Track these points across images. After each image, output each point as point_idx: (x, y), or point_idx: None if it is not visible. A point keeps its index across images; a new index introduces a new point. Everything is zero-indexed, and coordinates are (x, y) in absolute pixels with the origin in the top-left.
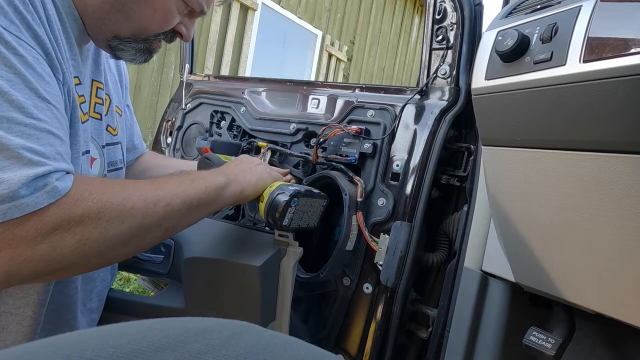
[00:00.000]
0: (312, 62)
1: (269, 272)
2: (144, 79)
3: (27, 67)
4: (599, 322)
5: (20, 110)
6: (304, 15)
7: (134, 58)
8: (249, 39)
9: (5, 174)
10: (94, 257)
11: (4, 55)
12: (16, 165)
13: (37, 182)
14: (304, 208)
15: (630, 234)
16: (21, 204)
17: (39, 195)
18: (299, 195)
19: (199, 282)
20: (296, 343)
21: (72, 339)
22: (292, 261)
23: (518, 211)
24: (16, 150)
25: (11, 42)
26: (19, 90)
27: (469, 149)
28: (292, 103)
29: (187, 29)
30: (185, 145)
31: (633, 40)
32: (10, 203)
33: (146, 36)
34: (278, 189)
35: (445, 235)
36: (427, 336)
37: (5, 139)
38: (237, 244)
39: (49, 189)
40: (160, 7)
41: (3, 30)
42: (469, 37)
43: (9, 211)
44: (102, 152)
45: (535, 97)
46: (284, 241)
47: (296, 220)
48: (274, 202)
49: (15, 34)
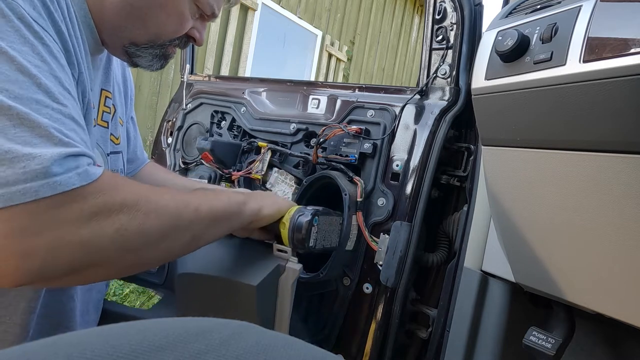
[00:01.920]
0: (312, 62)
1: (267, 290)
2: (144, 79)
3: (52, 57)
4: (599, 322)
5: (47, 94)
6: (304, 15)
7: (151, 64)
8: (249, 39)
9: (36, 150)
10: (129, 253)
11: (33, 43)
12: (47, 143)
13: (69, 161)
14: (325, 227)
15: (630, 234)
16: (54, 182)
17: (71, 176)
18: (318, 214)
19: (193, 299)
20: (296, 343)
21: (72, 339)
22: (291, 279)
23: (518, 211)
24: (47, 129)
25: (39, 32)
26: (46, 77)
27: (469, 149)
28: (292, 103)
29: (199, 33)
30: (185, 146)
31: (633, 40)
32: (43, 180)
33: (162, 42)
34: (297, 211)
35: (445, 235)
36: (427, 336)
37: (35, 117)
38: (233, 258)
39: (80, 171)
40: (174, 11)
41: (32, 21)
42: (469, 37)
43: (41, 189)
44: (107, 160)
45: (535, 97)
46: (283, 257)
47: (320, 241)
48: (297, 223)
49: (42, 25)
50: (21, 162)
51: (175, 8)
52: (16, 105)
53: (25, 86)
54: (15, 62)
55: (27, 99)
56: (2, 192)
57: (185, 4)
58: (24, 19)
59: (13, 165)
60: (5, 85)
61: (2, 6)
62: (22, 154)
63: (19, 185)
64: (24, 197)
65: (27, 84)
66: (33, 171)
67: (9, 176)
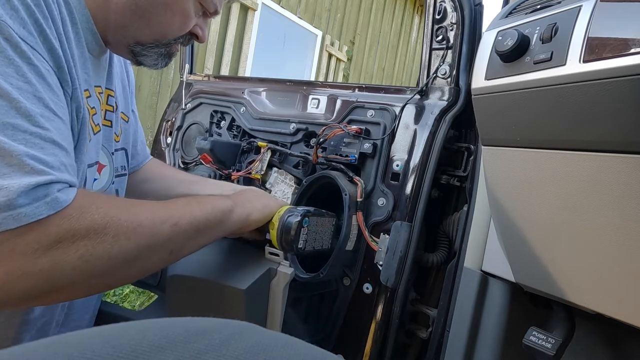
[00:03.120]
0: (312, 62)
1: (257, 294)
2: (144, 79)
3: (39, 78)
4: (599, 322)
5: (26, 117)
6: (304, 15)
7: (156, 63)
8: (249, 39)
9: (4, 181)
10: (95, 278)
11: (17, 64)
12: (17, 173)
13: (38, 191)
14: (316, 228)
15: (630, 234)
16: (18, 214)
17: (38, 206)
18: (309, 214)
19: (183, 302)
20: (296, 343)
21: (72, 339)
22: (283, 283)
23: (518, 211)
24: (19, 157)
25: (26, 52)
26: (28, 99)
27: (469, 149)
28: (292, 103)
29: (202, 30)
30: (185, 145)
31: (633, 40)
32: (7, 212)
33: (167, 40)
34: (287, 212)
35: (445, 235)
36: (427, 336)
37: (8, 145)
38: (224, 261)
39: (49, 199)
40: (179, 10)
41: (20, 40)
42: (469, 37)
43: (4, 221)
44: (112, 158)
45: (535, 97)
46: (274, 260)
47: (310, 242)
48: (286, 224)
49: (31, 44)
50: None
51: (180, 7)
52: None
53: (3, 111)
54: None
55: (3, 124)
56: None
57: (189, 3)
58: (11, 39)
59: None
60: None
61: None
62: None
63: None
64: None
65: (5, 109)
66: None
67: None
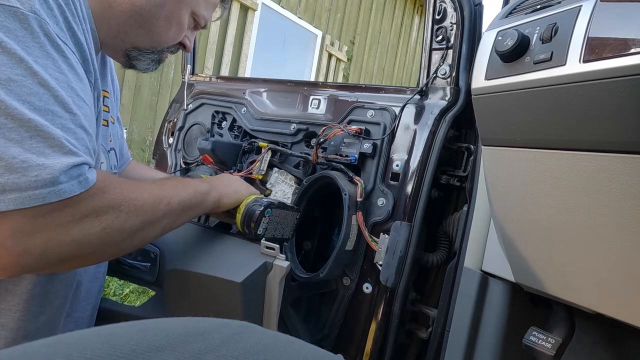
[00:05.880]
0: (312, 62)
1: (253, 288)
2: (144, 79)
3: (70, 69)
4: (599, 322)
5: (62, 105)
6: (304, 15)
7: (147, 67)
8: (249, 39)
9: (48, 160)
10: (110, 247)
11: (54, 57)
12: (57, 154)
13: (74, 171)
14: (278, 219)
15: (630, 233)
16: (59, 190)
17: (73, 184)
18: (272, 206)
19: (181, 296)
20: (296, 343)
21: (72, 339)
22: (279, 276)
23: (518, 211)
24: (59, 140)
25: (60, 46)
26: (63, 88)
27: (469, 149)
28: (292, 103)
29: (189, 41)
30: (186, 146)
31: (633, 40)
32: (50, 188)
33: (162, 48)
34: (253, 201)
35: (445, 235)
36: (427, 336)
37: (49, 129)
38: (221, 255)
39: (82, 178)
40: (176, 22)
41: (56, 36)
42: (469, 37)
43: (48, 195)
44: (107, 156)
45: (535, 97)
46: (270, 254)
47: (270, 231)
48: (249, 212)
49: (63, 39)
50: (34, 171)
51: (178, 19)
52: (35, 117)
53: (44, 98)
54: (38, 76)
55: (45, 110)
56: (15, 197)
57: (185, 16)
58: (49, 35)
59: (27, 173)
60: (28, 98)
61: (33, 24)
62: (35, 163)
63: (29, 192)
64: (32, 202)
65: (46, 97)
66: (43, 180)
67: (22, 183)
